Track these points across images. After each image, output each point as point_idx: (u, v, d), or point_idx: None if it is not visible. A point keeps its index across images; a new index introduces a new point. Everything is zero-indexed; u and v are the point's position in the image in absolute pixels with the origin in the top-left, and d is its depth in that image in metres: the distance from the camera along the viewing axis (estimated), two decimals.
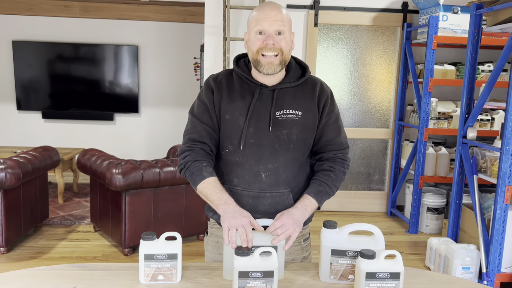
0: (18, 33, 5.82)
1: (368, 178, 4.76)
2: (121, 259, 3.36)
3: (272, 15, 1.42)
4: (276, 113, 1.48)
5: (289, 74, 1.52)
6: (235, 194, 1.50)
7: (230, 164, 1.52)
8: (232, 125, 1.48)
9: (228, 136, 1.50)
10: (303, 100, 1.51)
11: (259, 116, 1.48)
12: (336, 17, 4.42)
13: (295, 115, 1.49)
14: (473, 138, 3.20)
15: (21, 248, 3.51)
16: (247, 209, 1.47)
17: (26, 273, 1.40)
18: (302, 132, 1.50)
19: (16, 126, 6.01)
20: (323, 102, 1.53)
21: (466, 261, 3.03)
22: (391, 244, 3.84)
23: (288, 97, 1.50)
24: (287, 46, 1.45)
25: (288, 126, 1.48)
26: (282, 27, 1.43)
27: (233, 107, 1.49)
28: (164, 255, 1.35)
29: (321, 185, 1.51)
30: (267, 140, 1.48)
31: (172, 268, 1.36)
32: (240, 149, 1.48)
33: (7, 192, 3.30)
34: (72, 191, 5.12)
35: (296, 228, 1.39)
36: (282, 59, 1.45)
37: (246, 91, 1.50)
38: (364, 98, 4.61)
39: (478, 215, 3.10)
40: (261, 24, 1.42)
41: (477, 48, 3.23)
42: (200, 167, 1.47)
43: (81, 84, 5.92)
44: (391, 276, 1.26)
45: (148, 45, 5.98)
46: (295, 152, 1.51)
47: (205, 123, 1.51)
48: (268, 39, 1.42)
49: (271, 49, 1.42)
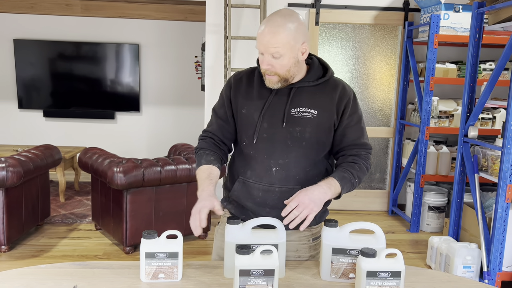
0: (20, 32, 5.83)
1: (369, 177, 4.75)
2: (122, 258, 3.36)
3: (266, 40, 1.41)
4: (292, 110, 1.51)
5: (310, 73, 1.54)
6: (247, 186, 1.56)
7: (246, 157, 1.57)
8: (248, 119, 1.54)
9: (244, 130, 1.56)
10: (321, 100, 1.53)
11: (273, 112, 1.52)
12: (337, 15, 4.42)
13: (310, 114, 1.51)
14: (475, 136, 3.20)
15: (22, 247, 3.52)
16: (257, 201, 1.53)
17: (27, 271, 1.40)
18: (316, 131, 1.52)
19: (18, 124, 6.02)
20: (344, 104, 1.54)
21: (467, 260, 3.03)
22: (392, 242, 3.84)
23: (305, 95, 1.52)
24: (283, 68, 1.45)
25: (302, 124, 1.50)
26: (276, 52, 1.42)
27: (250, 102, 1.55)
28: (165, 254, 1.35)
29: (346, 172, 1.51)
30: (280, 136, 1.51)
31: (173, 266, 1.36)
32: (254, 143, 1.53)
33: (9, 190, 3.31)
34: (74, 189, 5.13)
35: (313, 207, 1.38)
36: (280, 78, 1.48)
37: (264, 88, 1.54)
38: (366, 96, 4.61)
39: (479, 214, 3.10)
40: (259, 46, 1.45)
41: (478, 47, 3.22)
42: (201, 155, 1.58)
43: (82, 82, 5.93)
44: (392, 275, 1.26)
45: (149, 44, 5.98)
46: (307, 150, 1.52)
47: (219, 117, 1.62)
48: (263, 63, 1.46)
49: (266, 72, 1.47)
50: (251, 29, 4.35)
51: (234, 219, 1.40)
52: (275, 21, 1.42)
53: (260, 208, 1.55)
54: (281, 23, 1.41)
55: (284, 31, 1.41)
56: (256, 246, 1.31)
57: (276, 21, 1.42)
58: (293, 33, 1.42)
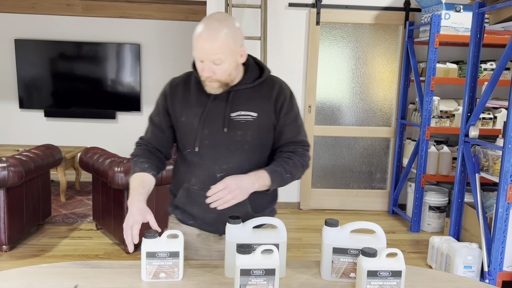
0: (21, 32, 5.83)
1: (370, 177, 4.75)
2: (123, 257, 3.37)
3: (207, 47, 1.37)
4: (231, 115, 1.49)
5: (246, 75, 1.51)
6: (192, 193, 1.55)
7: (189, 164, 1.55)
8: (188, 127, 1.52)
9: (185, 138, 1.54)
10: (260, 102, 1.51)
11: (213, 118, 1.49)
12: (338, 15, 4.42)
13: (250, 117, 1.49)
14: (475, 136, 3.20)
15: (23, 246, 3.52)
16: (203, 208, 1.50)
17: (28, 270, 1.40)
18: (258, 133, 1.50)
19: (19, 124, 6.03)
20: (281, 103, 1.52)
21: (468, 260, 3.03)
22: (393, 242, 3.84)
23: (243, 98, 1.50)
24: (224, 73, 1.42)
25: (243, 128, 1.49)
26: (218, 59, 1.38)
27: (188, 110, 1.51)
28: (166, 253, 1.35)
29: (278, 166, 1.50)
30: (222, 141, 1.49)
31: (174, 266, 1.36)
32: (196, 150, 1.51)
33: (10, 190, 3.31)
34: (74, 189, 5.13)
35: (238, 194, 1.39)
36: (221, 84, 1.45)
37: (202, 93, 1.51)
38: (366, 96, 4.61)
39: (480, 214, 3.10)
40: (198, 54, 1.40)
41: (479, 47, 3.22)
42: (135, 162, 1.56)
43: (83, 82, 5.93)
44: (392, 274, 1.26)
45: (150, 44, 5.98)
46: (250, 153, 1.52)
47: (155, 126, 1.59)
48: (204, 71, 1.41)
49: (207, 80, 1.43)
50: (252, 29, 4.35)
51: (234, 218, 1.40)
52: (213, 27, 1.37)
53: (207, 214, 1.54)
54: (219, 28, 1.37)
55: (224, 36, 1.37)
56: (256, 246, 1.31)
57: (214, 26, 1.37)
58: (232, 37, 1.39)
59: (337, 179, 4.73)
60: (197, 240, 1.60)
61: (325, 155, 4.68)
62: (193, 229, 1.60)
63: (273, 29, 4.36)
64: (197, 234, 1.60)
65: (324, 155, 4.68)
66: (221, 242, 1.59)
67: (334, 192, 4.72)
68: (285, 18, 4.39)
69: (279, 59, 4.44)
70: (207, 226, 1.59)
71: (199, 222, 1.59)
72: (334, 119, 4.63)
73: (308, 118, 4.54)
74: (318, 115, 4.59)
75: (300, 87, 4.52)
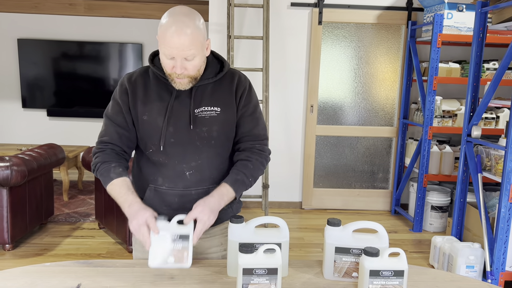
0: (23, 31, 5.85)
1: (372, 176, 4.75)
2: (125, 256, 3.37)
3: (179, 44, 1.32)
4: (195, 111, 1.46)
5: (207, 70, 1.49)
6: (160, 193, 1.50)
7: (155, 164, 1.50)
8: (151, 125, 1.46)
9: (148, 137, 1.48)
10: (222, 96, 1.49)
11: (178, 115, 1.46)
12: (341, 15, 4.41)
13: (214, 112, 1.47)
14: (478, 136, 3.19)
15: (26, 245, 3.54)
16: (174, 207, 1.49)
17: (32, 269, 1.41)
18: (223, 128, 1.49)
19: (21, 123, 6.04)
20: (240, 94, 1.51)
21: (470, 260, 3.02)
22: (395, 242, 3.84)
23: (206, 93, 1.48)
24: (195, 68, 1.40)
25: (208, 123, 1.47)
26: (190, 54, 1.35)
27: (150, 107, 1.46)
28: (176, 235, 1.32)
29: (239, 174, 1.48)
30: (188, 138, 1.46)
31: (184, 250, 1.33)
32: (161, 149, 1.47)
33: (13, 189, 3.33)
34: (77, 188, 5.14)
35: (211, 216, 1.38)
36: (191, 79, 1.42)
37: (163, 90, 1.47)
38: (368, 96, 4.60)
39: (483, 214, 3.09)
40: (170, 51, 1.34)
41: (482, 46, 3.22)
42: (108, 169, 1.45)
43: (85, 82, 5.95)
44: (395, 274, 1.26)
45: (152, 43, 5.99)
46: (218, 148, 1.50)
47: (118, 125, 1.49)
48: (176, 67, 1.37)
49: (179, 77, 1.40)
50: (254, 29, 4.35)
51: (237, 217, 1.40)
52: (183, 22, 1.33)
53: (177, 212, 1.49)
54: (188, 23, 1.33)
55: (195, 31, 1.34)
56: (259, 245, 1.31)
57: (184, 21, 1.33)
58: (201, 31, 1.37)
59: (339, 178, 4.73)
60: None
61: (327, 155, 4.68)
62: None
63: (275, 28, 4.36)
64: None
65: (326, 155, 4.68)
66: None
67: (336, 192, 4.72)
68: (287, 17, 4.39)
69: (281, 59, 4.44)
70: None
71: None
72: (336, 119, 4.63)
73: (310, 117, 4.54)
74: (320, 114, 4.59)
75: (302, 86, 4.52)
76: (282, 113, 4.52)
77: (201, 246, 1.58)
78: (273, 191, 4.61)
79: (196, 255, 1.58)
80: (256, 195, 4.31)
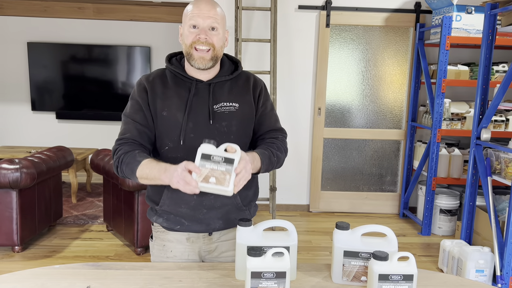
0: (33, 35, 5.90)
1: (380, 179, 4.73)
2: (133, 259, 3.39)
3: (206, 11, 1.44)
4: (214, 107, 1.50)
5: (223, 68, 1.57)
6: (178, 192, 1.48)
7: (172, 162, 1.46)
8: (170, 121, 1.48)
9: (167, 133, 1.49)
10: (239, 93, 1.55)
11: (197, 111, 1.49)
12: (348, 17, 4.41)
13: (232, 107, 1.52)
14: (487, 139, 3.17)
15: (35, 247, 3.56)
16: (192, 205, 1.51)
17: (41, 271, 1.42)
18: (241, 123, 1.53)
19: (31, 126, 6.10)
20: (258, 93, 1.59)
21: (480, 264, 3.00)
22: (404, 245, 3.81)
23: (224, 90, 1.54)
24: (219, 42, 1.48)
25: (227, 118, 1.50)
26: (215, 24, 1.46)
27: (169, 103, 1.49)
28: (221, 158, 1.32)
29: (266, 149, 1.52)
30: (208, 133, 1.48)
31: (227, 172, 1.32)
32: (180, 144, 1.48)
33: (22, 191, 3.35)
34: (86, 190, 5.17)
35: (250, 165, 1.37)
36: (213, 54, 1.47)
37: (181, 87, 1.52)
38: (376, 99, 4.59)
39: (492, 217, 3.06)
40: (195, 19, 1.45)
41: (491, 48, 3.19)
42: (133, 155, 1.43)
43: (94, 84, 5.99)
44: (404, 278, 1.25)
45: (160, 46, 6.02)
46: (236, 143, 1.48)
47: (138, 122, 1.50)
48: (201, 33, 1.45)
49: (203, 43, 1.45)
50: (261, 32, 4.36)
51: (245, 220, 1.40)
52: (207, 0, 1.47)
53: (196, 211, 1.52)
54: (213, 2, 1.48)
55: (220, 9, 1.50)
56: (267, 248, 1.31)
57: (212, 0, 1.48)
58: (224, 14, 1.52)
59: (347, 181, 4.72)
60: (186, 245, 1.57)
61: (334, 157, 4.67)
62: (181, 234, 1.57)
63: (282, 31, 4.37)
64: (186, 239, 1.57)
65: (333, 157, 4.67)
66: (211, 242, 1.59)
67: (344, 195, 4.70)
68: (295, 20, 4.39)
69: (289, 61, 4.44)
70: (196, 226, 1.55)
71: (187, 225, 1.55)
72: (344, 121, 4.61)
73: (317, 120, 4.54)
74: (327, 117, 4.58)
75: (310, 89, 4.51)
76: (290, 116, 4.51)
77: (218, 249, 1.60)
78: (280, 194, 4.60)
79: (212, 258, 1.59)
80: (264, 198, 4.31)
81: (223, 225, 1.57)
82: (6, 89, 6.02)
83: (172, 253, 1.58)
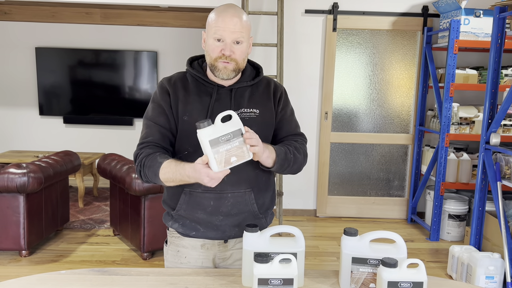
0: (41, 40, 5.95)
1: (387, 184, 4.70)
2: (140, 264, 3.38)
3: (231, 25, 1.40)
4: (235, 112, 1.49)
5: (245, 74, 1.55)
6: (195, 197, 1.50)
7: None
8: (191, 126, 1.44)
9: (187, 138, 1.48)
10: (260, 99, 1.55)
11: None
12: (355, 21, 4.39)
13: (253, 113, 1.52)
14: (497, 143, 3.13)
15: (42, 251, 3.57)
16: (208, 211, 1.50)
17: (47, 277, 1.41)
18: (262, 129, 1.50)
19: (38, 131, 6.13)
20: (278, 98, 1.58)
21: (490, 270, 2.95)
22: (412, 251, 3.78)
23: (245, 96, 1.53)
24: (242, 55, 1.46)
25: (248, 124, 1.46)
26: (241, 37, 1.43)
27: (191, 108, 1.48)
28: (228, 135, 1.29)
29: (283, 146, 1.51)
30: None
31: (241, 145, 1.30)
32: (200, 149, 1.45)
33: (29, 196, 3.36)
34: (92, 195, 5.18)
35: (259, 148, 1.35)
36: (236, 67, 1.46)
37: (203, 92, 1.51)
38: (384, 103, 4.56)
39: (502, 223, 3.02)
40: (220, 33, 1.41)
41: (500, 52, 3.17)
42: (154, 157, 1.43)
43: (101, 89, 6.01)
44: (413, 286, 1.23)
45: (167, 51, 6.04)
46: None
47: (161, 125, 1.49)
48: (225, 49, 1.42)
49: (226, 59, 1.44)
50: (268, 36, 4.36)
51: (252, 226, 1.39)
52: (237, 8, 1.45)
53: (212, 217, 1.51)
54: (241, 10, 1.45)
55: (246, 18, 1.46)
56: (274, 255, 1.29)
57: (238, 8, 1.45)
58: (249, 22, 1.48)
59: (354, 186, 4.69)
60: (200, 251, 1.57)
61: (342, 162, 4.64)
62: (196, 240, 1.56)
63: (289, 35, 4.36)
64: (201, 245, 1.56)
65: (341, 162, 4.64)
66: (226, 249, 1.58)
67: (351, 200, 4.67)
68: (302, 24, 4.39)
69: (296, 66, 4.43)
70: (212, 233, 1.54)
71: (203, 231, 1.54)
72: (351, 126, 4.59)
73: (324, 124, 4.52)
74: (334, 121, 4.56)
75: (317, 93, 4.50)
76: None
77: (232, 257, 1.59)
78: (287, 199, 4.58)
79: (227, 265, 1.59)
80: None
81: (239, 232, 1.55)
82: (15, 93, 6.06)
83: (186, 259, 1.58)
